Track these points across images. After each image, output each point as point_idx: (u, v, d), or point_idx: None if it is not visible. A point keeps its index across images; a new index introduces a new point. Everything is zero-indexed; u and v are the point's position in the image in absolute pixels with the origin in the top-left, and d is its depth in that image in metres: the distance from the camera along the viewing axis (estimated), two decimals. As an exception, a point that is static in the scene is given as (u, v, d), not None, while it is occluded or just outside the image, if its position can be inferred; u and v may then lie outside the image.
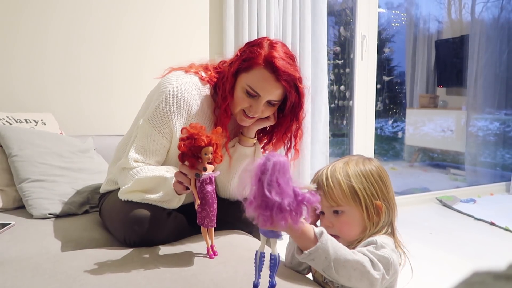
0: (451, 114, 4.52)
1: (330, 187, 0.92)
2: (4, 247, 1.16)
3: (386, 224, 0.95)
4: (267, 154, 0.76)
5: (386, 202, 0.94)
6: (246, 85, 1.15)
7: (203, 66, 1.30)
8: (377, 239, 0.87)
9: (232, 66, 1.18)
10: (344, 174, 0.93)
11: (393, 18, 5.12)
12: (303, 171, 2.47)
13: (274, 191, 0.72)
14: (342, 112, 3.49)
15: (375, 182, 0.94)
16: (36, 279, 0.89)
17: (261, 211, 0.74)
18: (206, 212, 1.00)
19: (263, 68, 1.13)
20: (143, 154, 1.20)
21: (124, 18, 2.12)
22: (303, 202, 0.75)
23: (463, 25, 4.86)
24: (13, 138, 1.56)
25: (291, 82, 1.15)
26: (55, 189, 1.51)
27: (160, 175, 1.11)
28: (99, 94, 2.10)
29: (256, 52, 1.14)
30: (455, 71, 4.62)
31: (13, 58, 1.91)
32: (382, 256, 0.83)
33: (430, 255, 2.13)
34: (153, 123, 1.19)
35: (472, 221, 2.83)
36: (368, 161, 0.99)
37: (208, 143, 0.95)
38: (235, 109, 1.21)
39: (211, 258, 1.03)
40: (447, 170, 4.50)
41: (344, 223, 0.93)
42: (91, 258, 1.02)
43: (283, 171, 0.74)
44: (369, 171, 0.94)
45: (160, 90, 1.20)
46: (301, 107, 1.24)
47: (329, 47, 2.68)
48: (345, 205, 0.92)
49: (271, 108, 1.21)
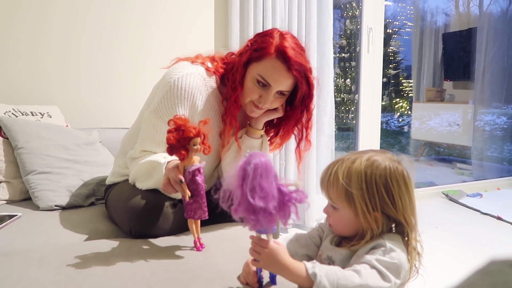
0: (458, 108, 4.49)
1: (330, 183, 0.86)
2: (11, 239, 1.17)
3: (395, 229, 0.87)
4: (247, 156, 0.72)
5: (393, 216, 0.83)
6: (257, 74, 1.15)
7: (210, 57, 1.30)
8: (386, 242, 0.80)
9: (243, 56, 1.18)
10: (347, 174, 0.83)
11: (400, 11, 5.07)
12: (308, 164, 2.46)
13: (257, 196, 0.69)
14: (348, 106, 3.47)
15: (378, 192, 0.82)
16: (42, 270, 0.90)
17: (248, 215, 0.71)
18: (198, 204, 0.99)
19: (275, 58, 1.13)
20: (150, 145, 1.21)
21: (128, 11, 2.11)
22: (290, 201, 0.72)
23: (471, 18, 4.81)
24: (19, 130, 1.57)
25: (302, 72, 1.15)
26: (61, 181, 1.52)
27: (155, 159, 1.12)
28: (104, 87, 2.10)
29: (268, 42, 1.14)
30: (462, 64, 4.57)
31: (18, 51, 1.91)
32: (392, 262, 0.77)
33: (436, 250, 2.12)
34: (158, 114, 1.19)
35: (479, 215, 2.81)
36: (387, 163, 0.84)
37: (197, 134, 0.94)
38: (244, 100, 1.21)
39: (198, 250, 1.03)
40: (453, 165, 4.47)
41: (337, 219, 0.88)
42: (97, 249, 1.02)
43: (265, 173, 0.71)
44: (374, 178, 0.82)
45: (166, 80, 1.20)
46: (311, 98, 1.23)
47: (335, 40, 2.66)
48: (339, 204, 0.86)
49: (280, 99, 1.21)
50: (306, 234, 1.02)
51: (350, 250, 0.85)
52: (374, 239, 0.83)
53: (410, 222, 0.85)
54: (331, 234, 0.93)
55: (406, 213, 0.84)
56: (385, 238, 0.82)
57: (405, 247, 0.84)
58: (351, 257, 0.84)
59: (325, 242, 0.93)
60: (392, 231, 0.87)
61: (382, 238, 0.82)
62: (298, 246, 0.99)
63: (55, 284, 0.83)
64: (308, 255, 0.97)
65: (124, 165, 1.35)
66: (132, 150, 1.27)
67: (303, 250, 0.98)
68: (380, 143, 3.06)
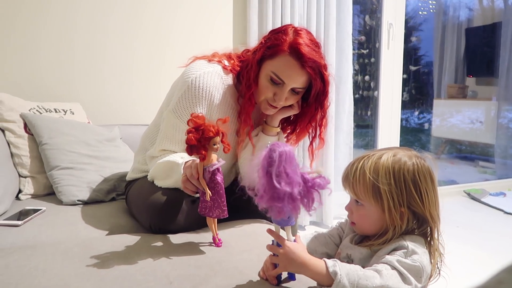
0: (480, 105, 4.37)
1: (355, 179, 0.84)
2: (36, 232, 1.20)
3: (418, 230, 0.85)
4: (271, 145, 0.75)
5: (419, 211, 0.82)
6: (270, 72, 1.14)
7: (226, 55, 1.30)
8: (408, 244, 0.79)
9: (257, 54, 1.17)
10: (374, 169, 0.82)
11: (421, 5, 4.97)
12: (326, 161, 2.44)
13: (283, 181, 0.72)
14: (367, 103, 3.43)
15: (406, 187, 0.81)
16: (66, 263, 0.92)
17: (273, 203, 0.73)
18: (217, 203, 1.00)
19: (288, 55, 1.12)
20: (169, 143, 1.23)
21: (149, 10, 2.13)
22: (313, 187, 0.75)
23: (495, 12, 4.67)
24: (44, 126, 1.61)
25: (316, 69, 1.13)
26: (83, 177, 1.55)
27: (173, 160, 1.13)
28: (124, 85, 2.14)
29: (281, 39, 1.13)
30: (486, 60, 4.45)
31: (43, 50, 1.96)
32: (413, 265, 0.75)
33: (457, 250, 2.08)
34: (177, 113, 1.20)
35: (502, 215, 2.75)
36: (414, 160, 0.84)
37: (216, 133, 0.94)
38: (259, 98, 1.21)
39: (218, 246, 1.04)
40: (475, 163, 4.36)
41: (362, 216, 0.86)
42: (118, 243, 1.05)
43: (289, 160, 0.73)
44: (403, 173, 0.81)
45: (183, 80, 1.21)
46: (326, 95, 1.22)
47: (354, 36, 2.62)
48: (365, 200, 0.84)
49: (295, 96, 1.20)
50: (325, 232, 1.01)
51: (371, 249, 0.84)
52: (396, 239, 0.82)
53: (435, 219, 0.84)
54: (352, 233, 0.92)
55: (432, 209, 0.83)
56: (407, 240, 0.80)
57: (428, 248, 0.83)
58: (371, 257, 0.83)
59: (345, 241, 0.92)
60: (414, 233, 0.85)
61: (404, 239, 0.80)
62: (317, 243, 0.98)
63: (78, 277, 0.85)
64: (327, 253, 0.97)
65: (144, 161, 1.37)
66: (152, 149, 1.29)
67: (323, 248, 0.97)
68: (400, 140, 3.02)
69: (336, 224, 1.02)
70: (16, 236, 1.17)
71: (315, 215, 2.54)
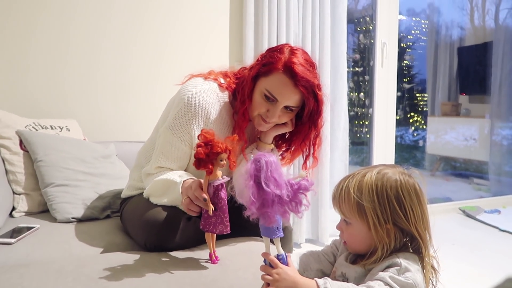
0: (474, 122, 4.42)
1: (341, 198, 0.87)
2: (29, 250, 1.19)
3: (411, 247, 0.86)
4: (255, 156, 0.79)
5: (405, 228, 0.83)
6: (264, 89, 1.16)
7: (222, 72, 1.32)
8: (402, 261, 0.79)
9: (252, 70, 1.20)
10: (358, 188, 0.84)
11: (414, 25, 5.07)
12: (322, 178, 2.45)
13: (272, 184, 0.76)
14: (362, 120, 3.46)
15: (390, 204, 0.82)
16: (59, 282, 0.91)
17: (264, 209, 0.77)
18: (220, 219, 1.01)
19: (282, 73, 1.13)
20: (165, 161, 1.24)
21: (144, 28, 2.16)
22: (299, 190, 0.79)
23: (487, 32, 4.77)
24: (39, 143, 1.61)
25: (309, 89, 1.15)
26: (78, 194, 1.54)
27: (171, 178, 1.14)
28: (120, 102, 2.15)
29: (276, 57, 1.15)
30: (478, 78, 4.52)
31: (39, 67, 1.97)
32: (406, 282, 0.76)
33: (452, 267, 2.08)
34: (173, 130, 1.21)
35: (497, 232, 2.75)
36: (397, 176, 0.84)
37: (224, 150, 0.97)
38: (253, 113, 1.22)
39: (213, 263, 1.04)
40: (470, 180, 4.39)
41: (350, 235, 0.88)
42: (112, 261, 1.04)
43: (275, 166, 0.78)
44: (385, 190, 0.82)
45: (180, 97, 1.22)
46: (320, 114, 1.23)
47: (349, 54, 2.66)
48: (352, 218, 0.86)
49: (289, 114, 1.21)
50: (319, 250, 1.02)
51: (365, 268, 0.84)
52: (388, 256, 0.82)
53: (423, 235, 0.84)
54: (346, 251, 0.93)
55: (418, 225, 0.84)
56: (400, 257, 0.81)
57: (422, 265, 0.83)
58: (365, 275, 0.83)
59: (340, 259, 0.93)
60: (408, 250, 0.85)
61: (397, 257, 0.81)
62: (311, 260, 0.99)
63: (72, 296, 0.84)
64: (321, 270, 0.97)
65: (139, 178, 1.37)
66: (147, 166, 1.29)
67: (316, 265, 0.98)
68: (395, 157, 3.04)
69: (330, 243, 1.02)
70: (9, 254, 1.15)
71: (311, 233, 2.53)
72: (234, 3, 2.33)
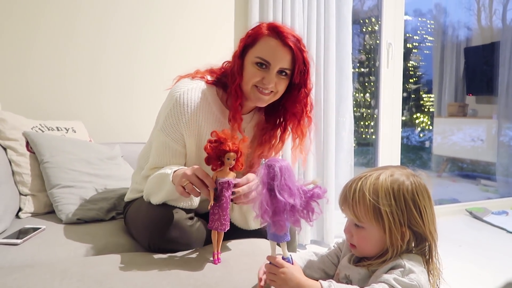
0: (481, 123, 4.38)
1: (355, 201, 0.83)
2: (35, 250, 1.20)
3: (416, 250, 0.85)
4: (267, 161, 0.78)
5: (419, 230, 0.83)
6: (255, 57, 1.17)
7: (208, 70, 1.33)
8: (405, 263, 0.79)
9: (237, 50, 1.22)
10: (373, 190, 0.82)
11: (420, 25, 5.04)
12: (327, 179, 2.44)
13: (286, 194, 0.75)
14: (367, 121, 3.45)
15: (407, 207, 0.82)
16: (65, 282, 0.92)
17: (276, 218, 0.76)
18: (218, 215, 1.01)
19: (268, 36, 1.16)
20: (161, 162, 1.25)
21: (149, 29, 2.17)
22: (312, 198, 0.78)
23: (494, 32, 4.73)
24: (45, 145, 1.62)
25: (297, 44, 1.17)
26: (84, 195, 1.55)
27: (162, 171, 1.16)
28: (126, 103, 2.16)
29: (258, 27, 1.19)
30: (485, 79, 4.48)
31: (45, 69, 1.99)
32: (410, 284, 0.76)
33: (460, 269, 2.06)
34: (165, 131, 1.22)
35: (505, 234, 2.72)
36: (411, 179, 0.84)
37: (233, 149, 0.99)
38: (247, 86, 1.20)
39: (215, 263, 1.04)
40: (477, 181, 4.35)
41: (362, 238, 0.85)
42: (117, 263, 1.04)
43: (288, 174, 0.77)
44: (402, 193, 0.82)
45: (169, 99, 1.24)
46: (308, 72, 1.22)
47: (354, 55, 2.66)
48: (366, 222, 0.83)
49: (284, 80, 1.20)
50: (323, 252, 1.01)
51: (369, 269, 0.84)
52: (393, 259, 0.82)
53: (434, 236, 0.85)
54: (349, 253, 0.92)
55: (431, 226, 0.84)
56: (404, 258, 0.80)
57: (426, 267, 0.83)
58: (369, 277, 0.83)
59: (343, 261, 0.92)
60: (412, 251, 0.85)
61: (401, 258, 0.81)
62: (316, 261, 0.99)
63: (76, 297, 0.85)
64: (325, 271, 0.97)
65: (141, 181, 1.37)
66: (144, 170, 1.31)
67: (320, 265, 0.98)
68: (401, 158, 3.02)
69: (334, 245, 1.02)
70: (15, 255, 1.16)
71: (316, 234, 2.53)
72: (239, 4, 2.33)
